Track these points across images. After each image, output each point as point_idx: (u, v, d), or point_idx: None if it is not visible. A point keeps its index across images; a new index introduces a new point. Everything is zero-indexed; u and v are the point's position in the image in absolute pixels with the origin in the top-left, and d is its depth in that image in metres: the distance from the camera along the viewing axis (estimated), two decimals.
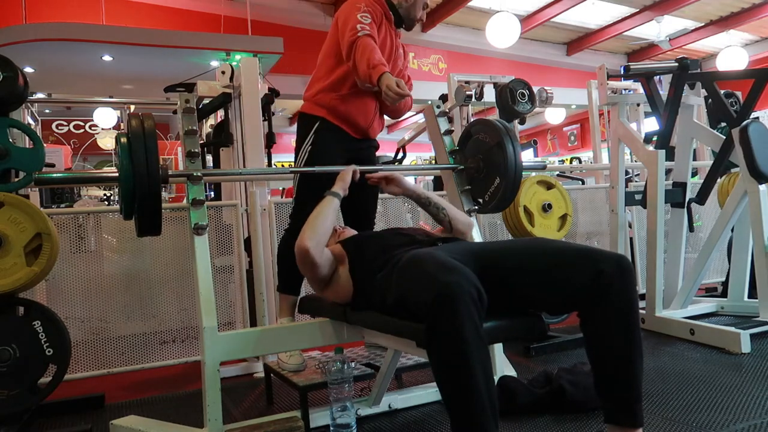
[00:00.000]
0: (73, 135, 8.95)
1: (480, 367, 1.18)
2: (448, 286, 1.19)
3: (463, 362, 1.17)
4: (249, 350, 1.98)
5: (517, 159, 2.12)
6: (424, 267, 1.31)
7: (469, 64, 7.88)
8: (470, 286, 1.21)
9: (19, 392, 1.93)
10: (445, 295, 1.18)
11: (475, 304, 1.19)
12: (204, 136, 3.99)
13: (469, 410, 1.18)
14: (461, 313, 1.17)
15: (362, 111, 2.32)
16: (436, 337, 1.20)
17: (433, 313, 1.20)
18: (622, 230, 3.35)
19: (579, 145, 12.33)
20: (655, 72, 3.25)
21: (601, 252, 1.37)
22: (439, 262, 1.29)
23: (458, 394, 1.19)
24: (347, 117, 2.30)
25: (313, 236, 1.66)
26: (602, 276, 1.30)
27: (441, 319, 1.19)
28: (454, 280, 1.20)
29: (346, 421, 1.75)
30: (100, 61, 7.55)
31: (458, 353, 1.17)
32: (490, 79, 3.62)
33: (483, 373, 1.18)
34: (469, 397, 1.17)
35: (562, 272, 1.37)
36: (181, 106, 2.09)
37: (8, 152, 1.98)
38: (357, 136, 2.36)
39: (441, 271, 1.25)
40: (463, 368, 1.17)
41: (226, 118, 3.25)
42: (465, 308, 1.17)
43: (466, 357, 1.17)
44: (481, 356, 1.18)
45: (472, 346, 1.17)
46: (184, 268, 2.82)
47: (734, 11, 7.74)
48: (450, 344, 1.18)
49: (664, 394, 2.05)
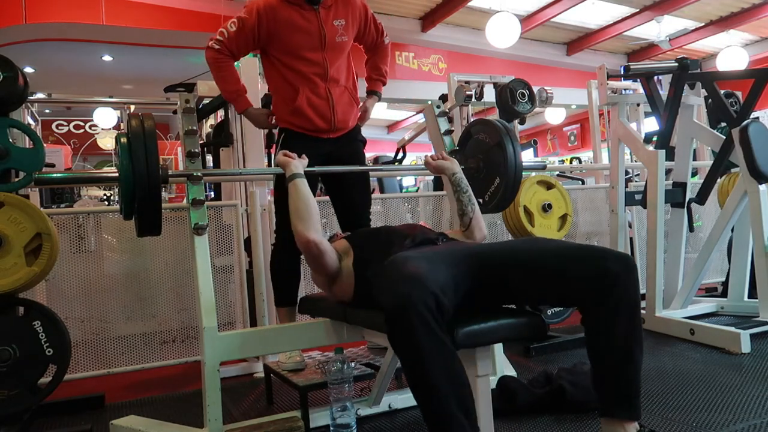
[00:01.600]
0: (73, 135, 8.95)
1: (443, 374, 1.22)
2: (399, 296, 1.23)
3: (421, 371, 1.22)
4: (249, 350, 1.98)
5: (517, 159, 2.12)
6: (390, 274, 1.33)
7: (469, 64, 7.87)
8: (425, 295, 1.22)
9: (19, 392, 1.93)
10: (396, 306, 1.23)
11: (431, 313, 1.21)
12: (204, 136, 3.99)
13: (436, 416, 1.23)
14: (412, 324, 1.20)
15: (317, 110, 2.21)
16: (394, 346, 1.28)
17: (389, 322, 1.25)
18: (622, 230, 3.35)
19: (579, 145, 12.32)
20: (655, 72, 3.25)
21: (606, 250, 1.39)
22: (403, 271, 1.29)
23: (423, 400, 1.25)
24: (303, 121, 2.22)
25: (309, 224, 1.63)
26: (608, 274, 1.32)
27: (395, 330, 1.24)
28: (406, 291, 1.22)
29: (346, 421, 1.75)
30: (100, 61, 7.56)
31: (415, 363, 1.23)
32: (490, 79, 3.61)
33: (449, 378, 1.22)
34: (433, 404, 1.23)
35: (567, 269, 1.38)
36: (181, 106, 2.09)
37: (8, 152, 1.98)
38: (326, 136, 2.27)
39: (399, 280, 1.27)
40: (422, 376, 1.22)
41: (226, 118, 3.25)
42: (416, 318, 1.20)
43: (424, 365, 1.21)
44: (442, 363, 1.22)
45: (429, 355, 1.21)
46: (184, 268, 2.82)
47: (734, 11, 7.73)
48: (406, 354, 1.24)
49: (664, 394, 2.05)
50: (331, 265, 1.65)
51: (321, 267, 1.66)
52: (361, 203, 2.41)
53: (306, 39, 2.17)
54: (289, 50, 2.18)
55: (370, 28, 2.38)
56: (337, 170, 2.31)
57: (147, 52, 6.81)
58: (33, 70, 7.06)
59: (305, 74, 2.20)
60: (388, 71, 2.52)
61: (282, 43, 2.18)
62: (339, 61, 2.27)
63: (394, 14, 7.28)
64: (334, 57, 2.24)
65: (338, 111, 2.26)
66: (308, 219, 1.65)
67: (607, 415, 1.35)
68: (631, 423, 1.33)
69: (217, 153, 3.36)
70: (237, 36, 2.16)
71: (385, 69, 2.49)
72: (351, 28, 2.28)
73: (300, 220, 1.65)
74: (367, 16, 2.36)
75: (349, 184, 2.35)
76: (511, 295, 1.47)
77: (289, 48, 2.18)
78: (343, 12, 2.25)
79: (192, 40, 6.44)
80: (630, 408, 1.33)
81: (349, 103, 2.31)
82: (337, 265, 1.66)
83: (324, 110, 2.23)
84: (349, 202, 2.38)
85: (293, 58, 2.19)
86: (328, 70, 2.23)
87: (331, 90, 2.24)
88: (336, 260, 1.66)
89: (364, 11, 2.34)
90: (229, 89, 2.26)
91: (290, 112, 2.22)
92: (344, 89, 2.31)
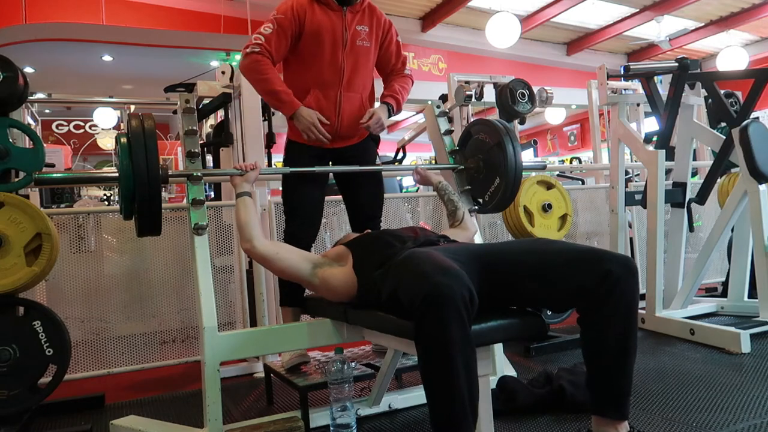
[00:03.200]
0: (73, 135, 8.95)
1: (463, 369, 1.20)
2: (438, 286, 1.21)
3: (446, 364, 1.20)
4: (249, 350, 1.98)
5: (517, 158, 2.12)
6: (419, 264, 1.32)
7: (469, 64, 7.88)
8: (462, 288, 1.22)
9: (19, 392, 1.93)
10: (434, 296, 1.20)
11: (465, 307, 1.21)
12: (204, 136, 3.99)
13: (449, 411, 1.21)
14: (448, 316, 1.19)
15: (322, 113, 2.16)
16: (422, 336, 1.23)
17: (421, 311, 1.22)
18: (622, 230, 3.35)
19: (579, 145, 12.33)
20: (655, 72, 3.25)
21: (607, 253, 1.40)
22: (435, 262, 1.30)
23: (440, 394, 1.22)
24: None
25: (250, 237, 1.79)
26: (610, 277, 1.33)
27: (428, 319, 1.21)
28: (446, 282, 1.21)
29: (346, 421, 1.74)
30: (100, 61, 7.57)
31: (442, 355, 1.20)
32: (490, 79, 3.62)
33: (466, 375, 1.21)
34: (451, 399, 1.21)
35: (568, 271, 1.39)
36: (181, 106, 2.09)
37: (8, 152, 1.98)
38: (330, 146, 2.23)
39: (435, 270, 1.26)
40: (447, 370, 1.20)
41: (226, 118, 3.25)
42: (453, 311, 1.19)
43: (450, 359, 1.19)
44: (465, 358, 1.21)
45: (457, 349, 1.19)
46: (184, 268, 2.82)
47: (734, 11, 7.73)
48: (435, 345, 1.21)
49: (664, 394, 2.05)
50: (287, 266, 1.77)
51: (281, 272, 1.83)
52: (369, 203, 2.37)
53: (329, 39, 2.15)
54: (311, 50, 2.15)
55: (391, 47, 2.32)
56: (338, 170, 2.31)
57: (147, 52, 6.81)
58: (33, 70, 7.06)
59: (320, 75, 2.17)
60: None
61: (305, 43, 2.15)
62: (358, 68, 2.21)
63: (394, 14, 7.28)
64: (352, 61, 2.19)
65: (344, 117, 2.20)
66: (249, 232, 1.80)
67: (598, 413, 1.40)
68: (620, 423, 1.37)
69: (217, 153, 3.36)
70: (275, 37, 2.10)
71: (399, 88, 2.34)
72: (374, 37, 2.25)
73: (242, 235, 1.82)
74: (391, 32, 2.31)
75: (357, 183, 2.34)
76: (514, 297, 1.48)
77: (312, 48, 2.15)
78: (369, 20, 2.24)
79: (192, 40, 6.45)
80: (619, 408, 1.37)
81: (358, 112, 2.23)
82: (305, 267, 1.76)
83: (329, 113, 2.18)
84: (358, 200, 2.37)
85: (312, 57, 2.16)
86: (344, 74, 2.18)
87: (343, 95, 2.20)
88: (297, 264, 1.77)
89: (388, 27, 2.31)
90: (274, 89, 2.10)
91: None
92: (358, 98, 2.24)
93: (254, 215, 1.85)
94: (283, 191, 2.29)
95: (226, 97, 3.19)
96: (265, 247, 1.78)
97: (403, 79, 2.38)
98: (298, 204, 2.24)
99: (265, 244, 1.80)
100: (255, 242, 1.77)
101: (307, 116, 2.11)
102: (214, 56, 7.01)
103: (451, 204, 2.12)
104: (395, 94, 2.33)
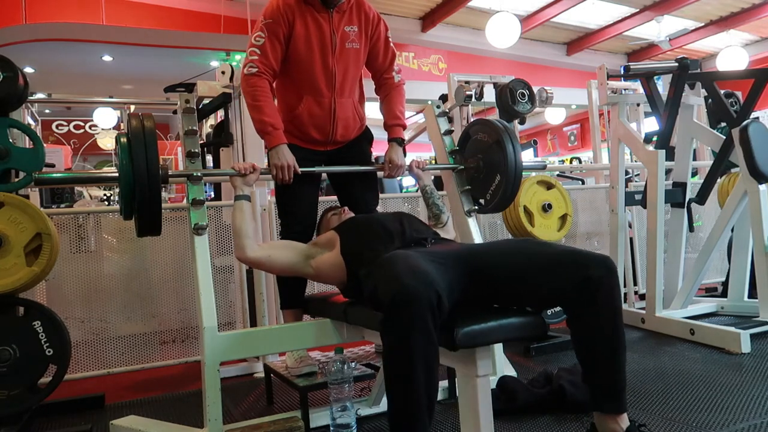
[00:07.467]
0: (73, 135, 8.94)
1: (423, 371, 1.26)
2: (406, 288, 1.25)
3: (406, 364, 1.26)
4: (249, 350, 1.98)
5: (517, 157, 2.13)
6: (393, 267, 1.36)
7: (469, 64, 7.88)
8: (429, 291, 1.25)
9: (19, 392, 1.93)
10: (401, 298, 1.25)
11: (431, 310, 1.24)
12: (204, 136, 3.99)
13: (406, 410, 1.27)
14: (413, 317, 1.23)
15: (315, 123, 2.17)
16: (387, 333, 1.30)
17: (389, 311, 1.27)
18: (622, 230, 3.35)
19: (579, 145, 12.32)
20: (655, 72, 3.25)
21: (588, 256, 1.44)
22: (408, 264, 1.34)
23: (398, 393, 1.29)
24: (299, 131, 2.19)
25: (242, 245, 1.84)
26: (591, 279, 1.38)
27: (393, 320, 1.27)
28: (413, 284, 1.26)
29: (346, 421, 1.75)
30: (100, 61, 7.57)
31: (403, 355, 1.26)
32: (490, 79, 3.62)
33: (426, 376, 1.27)
34: (408, 399, 1.27)
35: (547, 276, 1.43)
36: (181, 106, 2.09)
37: (8, 152, 1.98)
38: (323, 148, 2.23)
39: (405, 273, 1.30)
40: (406, 370, 1.26)
41: (226, 118, 3.25)
42: (417, 313, 1.23)
43: (410, 359, 1.25)
44: (426, 360, 1.26)
45: (418, 350, 1.24)
46: (184, 268, 2.82)
47: (734, 11, 7.73)
48: (397, 345, 1.27)
49: (664, 394, 2.05)
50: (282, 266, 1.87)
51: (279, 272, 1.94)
52: (363, 200, 2.35)
53: (317, 43, 2.11)
54: (301, 55, 2.11)
55: (379, 42, 2.26)
56: (337, 170, 2.31)
57: (147, 52, 6.81)
58: (33, 70, 7.06)
59: (312, 82, 2.14)
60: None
61: (294, 48, 2.11)
62: (348, 73, 2.19)
63: (394, 14, 7.29)
64: (343, 66, 2.16)
65: (339, 125, 2.20)
66: (242, 241, 1.84)
67: (597, 409, 1.46)
68: (619, 416, 1.42)
69: (217, 153, 3.36)
70: (269, 46, 2.05)
71: (400, 110, 2.30)
72: (363, 36, 2.21)
73: (236, 243, 1.86)
74: (380, 27, 2.25)
75: (352, 183, 2.33)
76: (499, 299, 1.51)
77: (301, 52, 2.11)
78: (357, 18, 2.19)
79: (192, 40, 6.45)
80: (616, 401, 1.42)
81: (352, 117, 2.24)
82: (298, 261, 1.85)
83: (323, 123, 2.17)
84: (352, 199, 2.37)
85: (303, 63, 2.13)
86: (335, 78, 2.15)
87: (336, 102, 2.17)
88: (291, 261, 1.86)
89: (377, 22, 2.25)
90: (263, 120, 2.04)
91: (289, 119, 2.18)
92: (350, 103, 2.23)
93: (249, 222, 1.88)
94: (276, 192, 2.28)
95: (226, 97, 3.20)
96: (256, 254, 1.84)
97: (398, 94, 2.32)
98: (292, 204, 2.23)
99: (256, 250, 1.85)
100: (247, 251, 1.83)
101: (284, 157, 2.05)
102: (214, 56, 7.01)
103: (435, 208, 2.19)
104: (399, 121, 2.29)
